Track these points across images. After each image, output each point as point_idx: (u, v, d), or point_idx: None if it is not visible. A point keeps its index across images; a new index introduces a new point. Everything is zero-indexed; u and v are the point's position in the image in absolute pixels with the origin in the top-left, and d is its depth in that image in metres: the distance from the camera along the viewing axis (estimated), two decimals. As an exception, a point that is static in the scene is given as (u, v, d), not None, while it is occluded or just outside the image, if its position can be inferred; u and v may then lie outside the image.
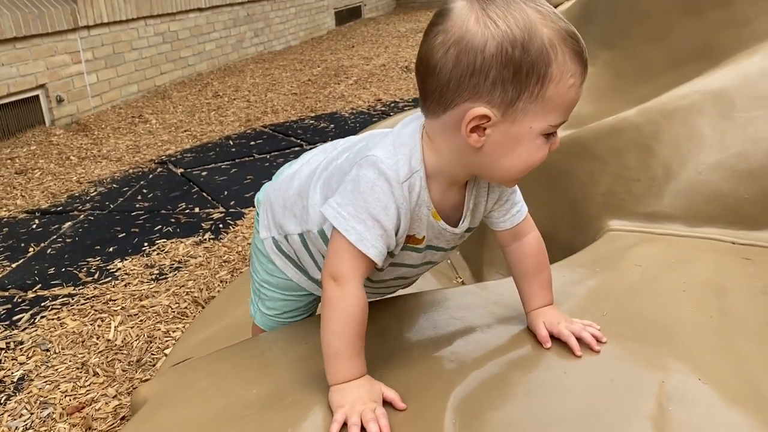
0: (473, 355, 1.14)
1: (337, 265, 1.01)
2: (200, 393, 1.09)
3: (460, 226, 1.12)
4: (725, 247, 1.58)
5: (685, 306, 1.31)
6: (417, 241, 1.10)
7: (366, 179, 0.99)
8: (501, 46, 0.90)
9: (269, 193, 1.30)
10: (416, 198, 1.03)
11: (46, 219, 3.76)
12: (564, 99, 0.95)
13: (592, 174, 1.82)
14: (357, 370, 1.00)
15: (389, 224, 1.00)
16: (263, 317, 1.37)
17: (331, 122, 5.44)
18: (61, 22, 5.68)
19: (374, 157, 1.00)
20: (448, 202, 1.09)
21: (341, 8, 11.82)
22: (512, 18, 0.91)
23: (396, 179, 0.99)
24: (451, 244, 1.16)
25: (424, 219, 1.06)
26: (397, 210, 1.00)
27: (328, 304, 1.01)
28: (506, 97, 0.93)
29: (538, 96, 0.93)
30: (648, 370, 1.10)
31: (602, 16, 2.36)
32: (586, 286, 1.42)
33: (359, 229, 0.99)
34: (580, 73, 0.95)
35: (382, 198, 0.99)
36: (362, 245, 0.99)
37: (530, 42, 0.91)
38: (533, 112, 0.94)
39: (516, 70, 0.91)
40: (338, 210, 1.00)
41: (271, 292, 1.33)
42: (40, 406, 2.10)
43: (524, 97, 0.93)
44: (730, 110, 1.70)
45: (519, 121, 0.95)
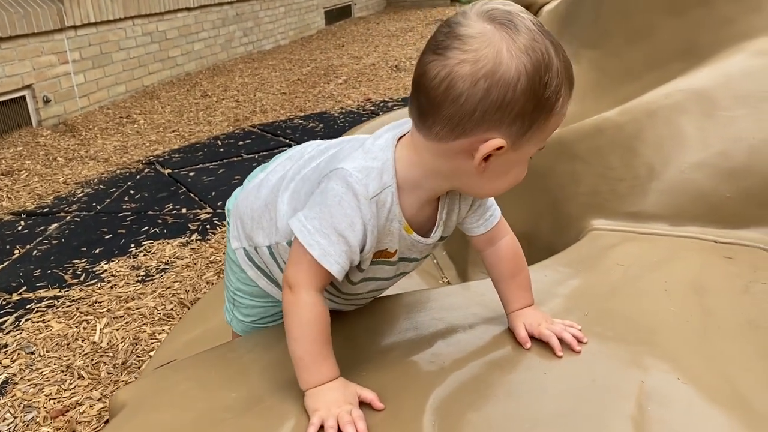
0: (454, 356, 1.14)
1: (294, 274, 1.00)
2: (179, 396, 1.08)
3: (432, 236, 1.11)
4: (707, 246, 1.59)
5: (666, 305, 1.31)
6: (389, 255, 1.08)
7: (333, 193, 0.97)
8: (532, 82, 0.89)
9: (238, 203, 1.27)
10: (386, 213, 1.01)
11: (32, 220, 3.74)
12: (553, 122, 0.95)
13: (574, 174, 1.82)
14: (327, 373, 1.00)
15: (354, 240, 0.99)
16: (240, 324, 1.36)
17: (320, 122, 5.43)
18: (48, 22, 5.64)
19: (343, 170, 0.98)
20: (420, 214, 1.08)
21: (331, 7, 11.80)
22: (537, 50, 0.89)
23: (364, 194, 0.97)
24: (424, 253, 1.15)
25: (395, 233, 1.05)
26: (363, 226, 0.99)
27: (285, 312, 1.01)
28: (521, 130, 0.92)
29: (543, 126, 0.94)
30: (628, 370, 1.11)
31: (586, 16, 2.36)
32: (569, 286, 1.42)
33: (323, 244, 0.98)
34: (569, 98, 0.96)
35: (349, 213, 0.97)
36: (325, 261, 0.98)
37: (551, 79, 0.90)
38: (535, 140, 0.95)
39: (536, 105, 0.91)
40: (304, 223, 0.99)
41: (246, 300, 1.32)
42: (24, 409, 2.09)
43: (534, 128, 0.93)
44: (712, 109, 1.70)
45: (522, 149, 0.95)
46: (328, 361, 1.00)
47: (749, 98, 1.68)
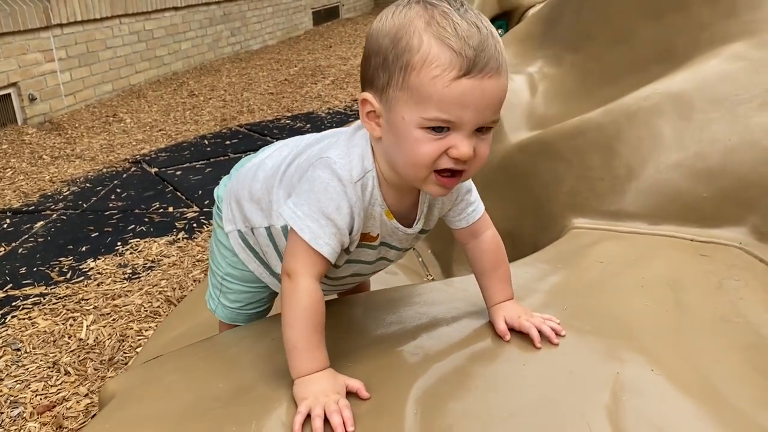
0: (436, 348, 1.17)
1: (293, 263, 1.05)
2: (168, 387, 1.11)
3: (414, 227, 1.16)
4: (683, 244, 1.63)
5: (642, 301, 1.35)
6: (371, 238, 1.14)
7: (320, 180, 1.04)
8: (378, 36, 0.99)
9: (232, 186, 1.31)
10: (369, 197, 1.07)
11: (17, 218, 3.73)
12: (431, 91, 0.94)
13: (556, 173, 1.86)
14: (318, 362, 1.03)
15: (342, 223, 1.04)
16: (226, 310, 1.39)
17: (307, 122, 5.45)
18: (34, 20, 5.61)
19: (328, 159, 1.05)
20: (402, 204, 1.13)
21: (319, 8, 11.81)
22: (396, 15, 0.99)
23: (349, 179, 1.04)
24: (404, 244, 1.20)
25: (377, 218, 1.10)
26: (350, 209, 1.04)
27: (284, 299, 1.05)
28: (380, 83, 1.00)
29: (403, 84, 0.97)
30: (604, 362, 1.14)
31: (568, 19, 2.41)
32: (549, 282, 1.46)
33: (313, 228, 1.03)
34: (451, 66, 0.93)
35: (335, 198, 1.03)
36: (316, 243, 1.03)
37: (399, 32, 0.97)
38: (402, 101, 0.98)
39: (384, 57, 0.98)
40: (294, 210, 1.05)
41: (234, 284, 1.36)
42: (10, 405, 2.10)
43: (393, 84, 0.98)
44: (689, 112, 1.75)
45: (393, 110, 0.99)
46: (320, 351, 1.03)
47: (724, 101, 1.73)
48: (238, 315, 1.40)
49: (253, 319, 1.42)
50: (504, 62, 0.98)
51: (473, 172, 1.04)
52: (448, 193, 1.07)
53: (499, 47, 0.98)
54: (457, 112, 0.95)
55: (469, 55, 0.93)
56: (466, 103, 0.95)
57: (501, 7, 3.50)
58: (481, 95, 0.95)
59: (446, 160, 0.99)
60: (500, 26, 3.55)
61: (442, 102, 0.95)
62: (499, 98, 0.98)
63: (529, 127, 2.10)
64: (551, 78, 2.27)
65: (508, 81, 1.00)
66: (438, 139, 0.98)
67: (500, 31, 3.52)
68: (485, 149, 1.01)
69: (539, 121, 2.10)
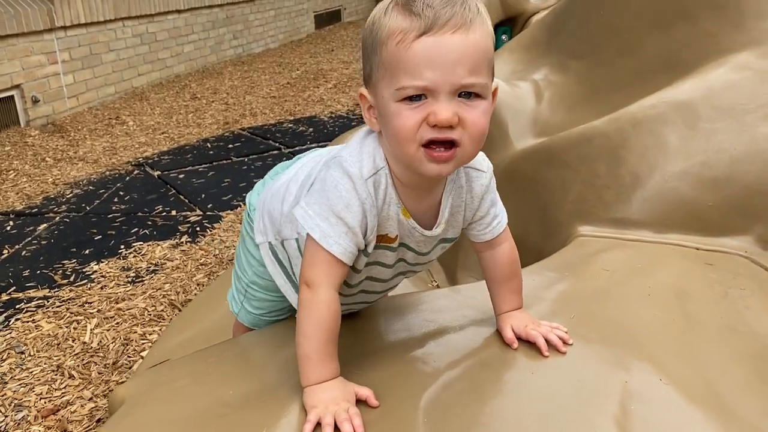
0: (444, 356, 1.18)
1: (310, 272, 1.04)
2: (178, 392, 1.11)
3: (435, 230, 1.14)
4: (689, 253, 1.64)
5: (649, 309, 1.36)
6: (390, 240, 1.12)
7: (331, 178, 1.04)
8: (363, 34, 1.03)
9: (266, 198, 1.29)
10: (383, 195, 1.06)
11: (20, 221, 3.73)
12: (399, 58, 0.94)
13: (562, 181, 1.87)
14: (329, 372, 1.03)
15: (353, 221, 1.03)
16: (248, 315, 1.40)
17: (309, 126, 5.46)
18: (38, 23, 5.63)
19: (340, 158, 1.05)
20: (422, 206, 1.11)
21: (321, 11, 11.83)
22: (377, 7, 1.02)
23: (359, 176, 1.03)
24: (422, 248, 1.17)
25: (393, 217, 1.08)
26: (361, 206, 1.03)
27: (301, 309, 1.04)
28: (366, 74, 1.03)
29: (380, 64, 0.98)
30: (612, 371, 1.15)
31: (574, 27, 2.41)
32: (556, 290, 1.47)
33: (323, 227, 1.03)
34: (410, 28, 0.94)
35: (344, 195, 1.03)
36: (325, 242, 1.02)
37: (372, 19, 1.01)
38: (382, 80, 0.98)
39: (365, 47, 1.02)
40: (306, 209, 1.05)
41: (258, 293, 1.36)
42: (14, 408, 2.10)
43: (374, 69, 0.99)
44: (695, 121, 1.76)
45: (379, 94, 1.01)
46: (332, 361, 1.03)
47: (730, 111, 1.74)
48: (260, 320, 1.40)
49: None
50: (478, 19, 0.96)
51: (471, 147, 0.99)
52: (447, 171, 1.01)
53: (471, 5, 0.96)
54: (425, 74, 0.93)
55: (427, 14, 0.94)
56: (432, 62, 0.93)
57: (505, 13, 3.51)
58: (447, 51, 0.93)
59: (428, 131, 0.95)
60: (504, 32, 3.56)
61: (408, 66, 0.94)
62: (471, 54, 0.94)
63: (534, 135, 2.10)
64: (557, 85, 2.27)
65: (488, 38, 0.97)
66: (415, 108, 0.96)
67: (505, 37, 3.53)
68: (476, 116, 0.96)
69: (545, 129, 2.11)
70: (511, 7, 3.48)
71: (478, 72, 0.95)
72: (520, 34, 2.93)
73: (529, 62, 2.48)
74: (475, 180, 1.14)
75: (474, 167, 1.14)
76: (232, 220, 3.55)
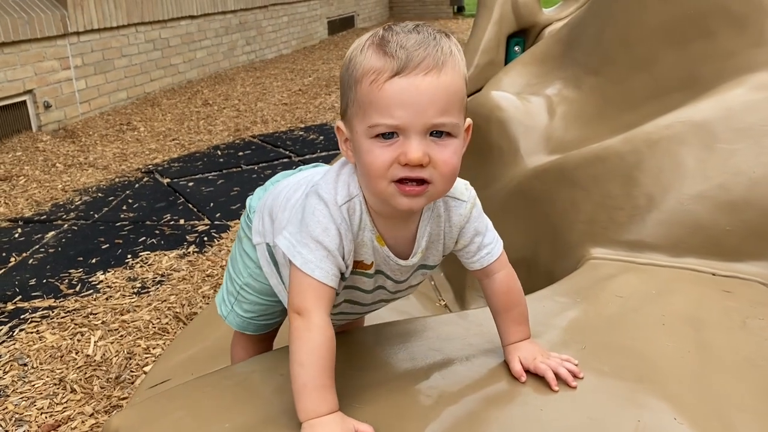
0: (449, 389, 1.13)
1: (299, 300, 1.03)
2: (173, 425, 1.07)
3: (410, 260, 1.14)
4: (705, 279, 1.59)
5: (663, 340, 1.31)
6: (366, 266, 1.13)
7: (309, 206, 1.07)
8: (345, 62, 1.04)
9: (267, 200, 1.32)
10: (358, 221, 1.08)
11: (29, 228, 3.73)
12: (371, 97, 0.97)
13: (574, 201, 1.82)
14: (327, 404, 0.99)
15: (331, 244, 1.04)
16: (237, 318, 1.41)
17: (320, 134, 5.44)
18: (51, 28, 5.65)
19: (317, 186, 1.09)
20: (398, 234, 1.12)
21: (334, 18, 11.84)
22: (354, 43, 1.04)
23: (333, 202, 1.06)
24: (398, 276, 1.18)
25: (368, 244, 1.10)
26: (337, 230, 1.05)
27: (294, 337, 1.02)
28: (342, 108, 1.05)
29: (355, 100, 1.00)
30: (625, 407, 1.10)
31: (588, 42, 2.37)
32: (566, 318, 1.42)
33: (304, 253, 1.04)
34: (383, 69, 0.96)
35: (321, 220, 1.05)
36: (307, 268, 1.03)
37: (349, 56, 1.03)
38: (356, 117, 1.01)
39: (342, 83, 1.04)
40: (289, 238, 1.06)
41: (251, 296, 1.37)
42: (15, 423, 2.07)
43: (349, 105, 1.02)
44: (712, 142, 1.71)
45: (353, 129, 1.02)
46: (330, 392, 1.00)
47: (750, 132, 1.69)
48: (249, 324, 1.41)
49: (261, 329, 1.43)
50: (450, 60, 0.98)
51: (442, 185, 1.01)
52: (419, 206, 1.03)
53: (443, 47, 0.98)
54: (396, 113, 0.95)
55: (400, 55, 0.96)
56: (403, 102, 0.95)
57: (518, 25, 3.47)
58: (418, 93, 0.95)
59: (399, 169, 0.98)
60: (517, 43, 3.52)
61: (380, 105, 0.96)
62: (442, 96, 0.96)
63: (546, 152, 2.05)
64: (570, 101, 2.22)
65: (459, 79, 0.99)
66: (387, 146, 0.98)
67: (517, 49, 3.48)
68: (446, 155, 0.99)
69: (557, 146, 2.06)
70: (525, 18, 3.44)
71: (448, 112, 0.97)
72: (534, 46, 2.88)
73: (543, 76, 2.44)
74: (454, 209, 1.14)
75: (453, 196, 1.14)
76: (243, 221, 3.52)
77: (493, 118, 2.24)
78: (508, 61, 3.39)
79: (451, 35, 1.03)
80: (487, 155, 2.21)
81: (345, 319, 1.31)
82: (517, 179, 2.03)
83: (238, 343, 1.52)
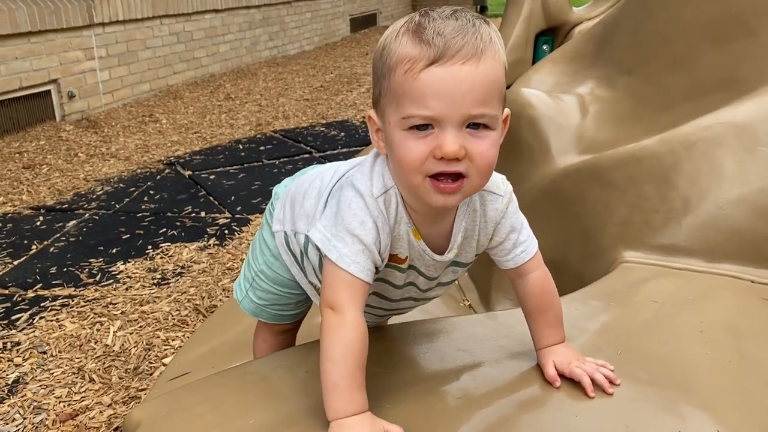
0: (480, 392, 1.10)
1: (332, 295, 1.00)
2: (196, 419, 1.05)
3: (446, 255, 1.11)
4: (744, 286, 1.53)
5: (702, 348, 1.26)
6: (400, 260, 1.10)
7: (344, 199, 1.04)
8: (378, 50, 1.00)
9: (291, 189, 1.30)
10: (394, 213, 1.05)
11: (51, 216, 3.73)
12: (405, 87, 0.93)
13: (607, 202, 1.77)
14: (357, 404, 0.96)
15: (368, 238, 1.01)
16: (251, 304, 1.38)
17: (341, 130, 5.41)
18: (77, 18, 5.67)
19: (352, 178, 1.06)
20: (433, 230, 1.09)
21: (357, 15, 11.82)
22: (388, 29, 1.01)
23: (369, 194, 1.03)
24: (432, 272, 1.15)
25: (404, 237, 1.07)
26: (374, 223, 1.02)
27: (327, 332, 0.99)
28: (375, 97, 1.01)
29: (388, 89, 0.97)
30: (664, 417, 1.06)
31: (623, 39, 2.31)
32: (600, 322, 1.38)
33: (339, 247, 1.01)
34: (419, 57, 0.92)
35: (358, 213, 1.02)
36: (342, 262, 1.00)
37: (383, 43, 0.99)
38: (389, 106, 0.97)
39: (375, 71, 1.00)
40: (323, 232, 1.03)
41: (264, 284, 1.35)
42: (33, 411, 2.06)
43: (383, 94, 0.98)
44: (753, 144, 1.65)
45: (385, 119, 0.99)
46: (361, 391, 0.97)
47: (793, 135, 1.63)
48: (262, 311, 1.39)
49: (275, 318, 1.40)
50: (490, 48, 0.93)
51: (478, 179, 0.97)
52: (453, 203, 1.00)
53: (483, 34, 0.93)
54: (432, 104, 0.92)
55: (437, 43, 0.92)
56: (440, 92, 0.91)
57: (547, 23, 3.42)
58: (456, 82, 0.91)
59: (434, 163, 0.94)
60: (546, 42, 3.46)
61: (415, 95, 0.93)
62: (481, 85, 0.92)
63: (578, 151, 2.00)
64: (603, 100, 2.17)
65: (499, 68, 0.95)
66: (421, 138, 0.94)
67: (546, 48, 3.43)
68: (484, 149, 0.95)
69: (590, 145, 2.01)
70: (554, 16, 3.38)
71: (487, 103, 0.93)
72: (565, 44, 2.83)
73: (574, 74, 2.38)
74: (490, 204, 1.11)
75: (490, 190, 1.10)
76: (260, 223, 3.50)
77: (524, 115, 2.20)
78: (536, 60, 3.34)
79: (490, 22, 0.99)
80: (517, 153, 2.16)
81: (369, 314, 1.27)
82: (547, 178, 1.98)
83: (259, 335, 1.49)
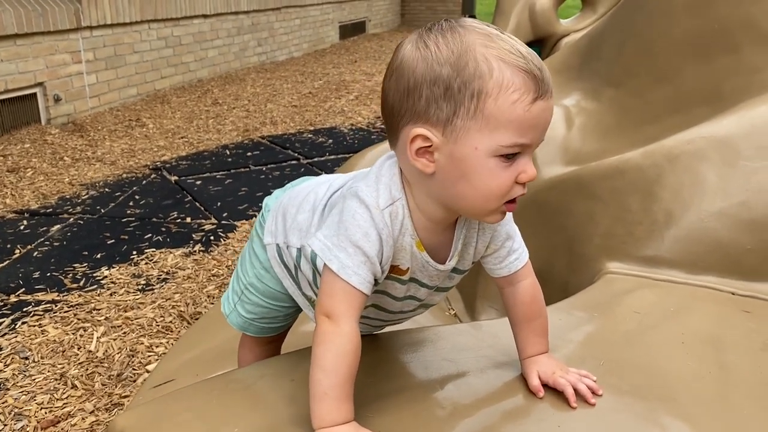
0: (464, 401, 1.10)
1: (329, 303, 1.00)
2: (180, 428, 1.04)
3: (447, 263, 1.11)
4: (725, 298, 1.55)
5: (683, 359, 1.28)
6: (401, 272, 1.09)
7: (348, 209, 1.02)
8: (428, 65, 0.94)
9: (283, 201, 1.29)
10: (399, 226, 1.04)
11: (35, 220, 3.70)
12: (510, 116, 0.92)
13: (592, 214, 1.79)
14: (344, 414, 0.97)
15: (371, 250, 1.00)
16: (239, 318, 1.37)
17: (329, 137, 5.42)
18: (64, 22, 5.64)
19: (357, 188, 1.04)
20: (435, 239, 1.09)
21: (346, 22, 11.85)
22: (445, 41, 0.95)
23: (375, 206, 1.02)
24: (435, 281, 1.14)
25: (407, 249, 1.06)
26: (378, 235, 1.01)
27: (321, 341, 0.98)
28: (442, 115, 0.94)
29: (476, 112, 0.93)
30: (646, 427, 1.07)
31: (609, 52, 2.34)
32: (583, 332, 1.39)
33: (341, 257, 1.00)
34: (527, 89, 0.92)
35: (362, 225, 1.00)
36: (344, 273, 0.99)
37: (460, 59, 0.93)
38: (475, 130, 0.93)
39: (446, 87, 0.93)
40: (324, 242, 1.02)
41: (254, 297, 1.33)
42: (14, 417, 2.04)
43: (461, 114, 0.93)
44: (734, 159, 1.68)
45: (462, 141, 0.95)
46: (349, 401, 0.97)
47: (773, 149, 1.65)
48: (250, 326, 1.37)
49: (262, 332, 1.39)
50: None
51: None
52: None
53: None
54: (532, 135, 0.94)
55: (538, 75, 0.93)
56: (539, 124, 0.95)
57: (534, 34, 3.45)
58: (550, 115, 0.96)
59: (518, 188, 0.97)
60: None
61: (523, 126, 0.93)
62: None
63: (563, 163, 2.02)
64: (589, 113, 2.20)
65: None
66: (509, 166, 0.96)
67: (533, 59, 3.46)
68: None
69: (575, 157, 2.03)
70: (541, 28, 3.41)
71: None
72: (552, 56, 2.86)
73: (560, 86, 2.41)
74: None
75: None
76: (246, 230, 3.50)
77: (510, 126, 2.21)
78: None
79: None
80: (502, 164, 2.17)
81: (366, 324, 1.27)
82: (532, 190, 1.99)
83: (245, 345, 1.49)
